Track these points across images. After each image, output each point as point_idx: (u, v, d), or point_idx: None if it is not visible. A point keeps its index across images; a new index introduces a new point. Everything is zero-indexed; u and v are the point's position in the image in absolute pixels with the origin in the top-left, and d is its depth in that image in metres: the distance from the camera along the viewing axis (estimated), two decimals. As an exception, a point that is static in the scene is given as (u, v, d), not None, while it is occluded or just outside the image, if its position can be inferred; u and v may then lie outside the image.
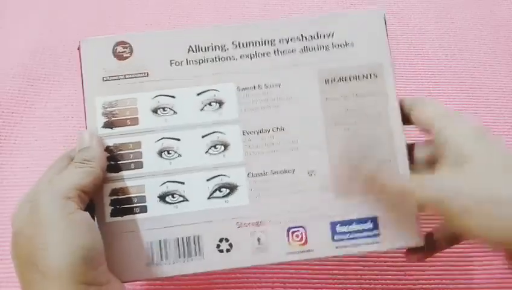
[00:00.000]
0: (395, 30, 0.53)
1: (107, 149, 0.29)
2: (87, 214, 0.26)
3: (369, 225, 0.29)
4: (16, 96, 0.48)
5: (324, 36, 0.31)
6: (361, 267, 0.38)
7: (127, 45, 0.30)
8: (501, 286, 0.38)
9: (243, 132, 0.29)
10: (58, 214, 0.24)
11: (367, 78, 0.30)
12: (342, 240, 0.29)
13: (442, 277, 0.38)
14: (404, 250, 0.30)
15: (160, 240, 0.28)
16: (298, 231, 0.29)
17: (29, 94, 0.48)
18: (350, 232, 0.29)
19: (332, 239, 0.29)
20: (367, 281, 0.38)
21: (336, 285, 0.38)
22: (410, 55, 0.52)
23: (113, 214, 0.28)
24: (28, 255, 0.24)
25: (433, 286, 0.38)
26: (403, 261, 0.39)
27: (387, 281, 0.38)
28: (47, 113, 0.47)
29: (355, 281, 0.38)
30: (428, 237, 0.30)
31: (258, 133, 0.29)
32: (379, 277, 0.38)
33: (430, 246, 0.30)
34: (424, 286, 0.38)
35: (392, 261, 0.39)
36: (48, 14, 0.55)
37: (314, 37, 0.31)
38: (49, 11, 0.55)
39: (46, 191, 0.26)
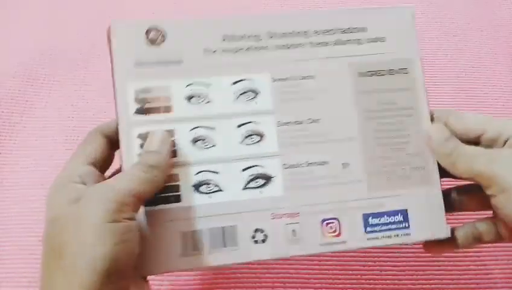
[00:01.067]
0: (395, 30, 0.54)
1: (140, 136, 0.28)
2: (134, 224, 0.25)
3: (400, 218, 0.29)
4: (16, 96, 0.48)
5: (357, 30, 0.31)
6: (361, 267, 0.38)
7: (160, 31, 0.29)
8: (501, 286, 0.38)
9: (278, 123, 0.29)
10: (107, 218, 0.23)
11: (398, 73, 0.31)
12: (374, 232, 0.29)
13: (442, 277, 0.38)
14: (423, 244, 0.31)
15: (194, 231, 0.28)
16: (332, 222, 0.29)
17: (29, 94, 0.49)
18: (381, 224, 0.29)
19: (365, 231, 0.29)
20: (367, 281, 0.38)
21: (335, 285, 0.38)
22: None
23: (147, 203, 0.27)
24: (58, 247, 0.23)
25: (433, 286, 0.38)
26: (403, 261, 0.39)
27: (387, 281, 0.38)
28: (47, 113, 0.47)
29: (355, 281, 0.38)
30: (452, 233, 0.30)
31: (292, 124, 0.29)
32: (379, 277, 0.38)
33: (453, 241, 0.30)
34: (424, 286, 0.38)
35: (392, 261, 0.39)
36: (48, 14, 0.55)
37: (347, 31, 0.31)
38: (49, 11, 0.55)
39: (100, 187, 0.25)
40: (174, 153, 0.28)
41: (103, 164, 0.28)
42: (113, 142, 0.28)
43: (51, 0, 0.56)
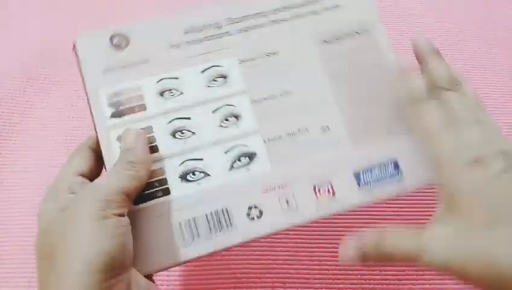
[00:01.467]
0: (395, 30, 0.54)
1: (119, 139, 0.28)
2: (125, 220, 0.25)
3: (391, 168, 0.30)
4: (16, 96, 0.48)
5: (312, 2, 0.32)
6: (361, 267, 0.38)
7: (123, 35, 0.30)
8: (501, 286, 0.38)
9: (252, 101, 0.30)
10: (95, 216, 0.23)
11: (359, 34, 0.32)
12: (368, 186, 0.29)
13: (442, 277, 0.38)
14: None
15: (188, 220, 0.28)
16: (324, 186, 0.29)
17: (29, 94, 0.49)
18: (374, 178, 0.29)
19: (359, 188, 0.29)
20: (367, 281, 0.38)
21: (335, 285, 0.38)
22: (410, 55, 0.52)
23: (136, 202, 0.27)
24: (49, 255, 0.23)
25: (432, 286, 0.38)
26: (403, 261, 0.39)
27: (387, 281, 0.38)
28: (47, 113, 0.47)
29: (355, 281, 0.38)
30: None
31: (266, 99, 0.30)
32: (379, 277, 0.38)
33: None
34: (424, 286, 0.38)
35: (392, 262, 0.39)
36: (48, 14, 0.55)
37: (302, 5, 0.32)
38: (49, 11, 0.55)
39: (86, 190, 0.25)
40: (155, 149, 0.29)
41: (92, 176, 0.28)
42: (99, 156, 0.29)
43: (51, 0, 0.56)
